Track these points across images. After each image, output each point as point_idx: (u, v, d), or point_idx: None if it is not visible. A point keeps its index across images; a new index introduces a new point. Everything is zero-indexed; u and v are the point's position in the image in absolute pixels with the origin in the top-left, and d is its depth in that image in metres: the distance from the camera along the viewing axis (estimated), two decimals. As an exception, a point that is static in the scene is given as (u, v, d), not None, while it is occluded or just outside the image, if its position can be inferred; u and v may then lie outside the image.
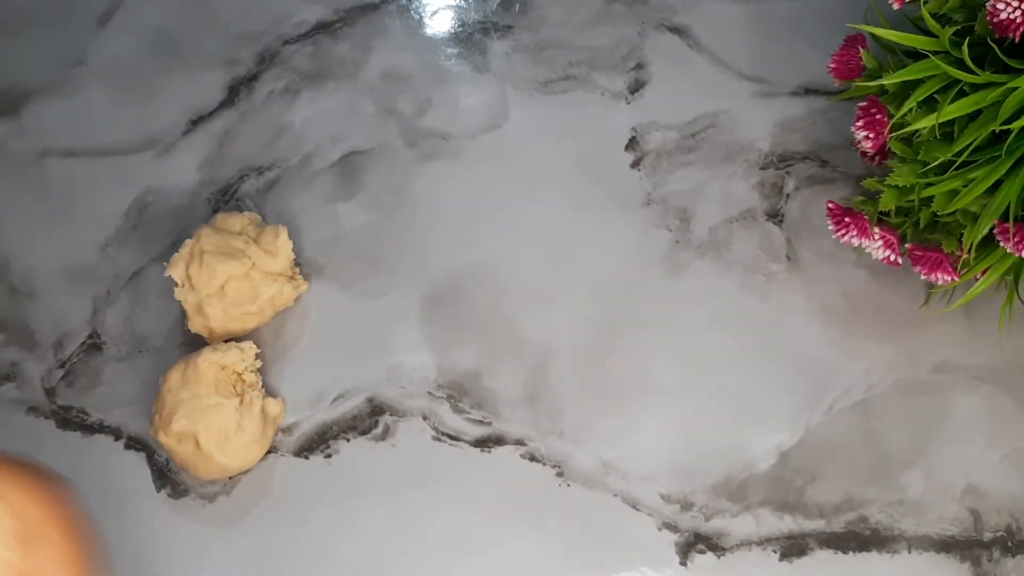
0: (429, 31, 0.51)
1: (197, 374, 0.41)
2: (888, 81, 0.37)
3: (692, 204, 0.47)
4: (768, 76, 0.49)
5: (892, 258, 0.41)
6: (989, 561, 0.41)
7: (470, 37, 0.51)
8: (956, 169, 0.36)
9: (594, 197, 0.47)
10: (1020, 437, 0.43)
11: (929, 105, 0.37)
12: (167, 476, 0.43)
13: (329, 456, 0.43)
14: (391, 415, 0.44)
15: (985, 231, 0.36)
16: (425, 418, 0.44)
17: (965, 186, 0.36)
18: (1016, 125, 0.34)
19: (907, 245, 0.41)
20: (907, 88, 0.38)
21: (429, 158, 0.48)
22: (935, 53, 0.36)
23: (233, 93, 0.49)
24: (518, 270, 0.46)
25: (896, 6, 0.38)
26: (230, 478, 0.42)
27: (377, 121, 0.49)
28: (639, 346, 0.45)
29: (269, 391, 0.44)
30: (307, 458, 0.43)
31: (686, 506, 0.42)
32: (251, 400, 0.42)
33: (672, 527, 0.42)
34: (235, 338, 0.44)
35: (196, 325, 0.43)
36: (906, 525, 0.42)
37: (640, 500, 0.42)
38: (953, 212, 0.38)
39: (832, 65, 0.42)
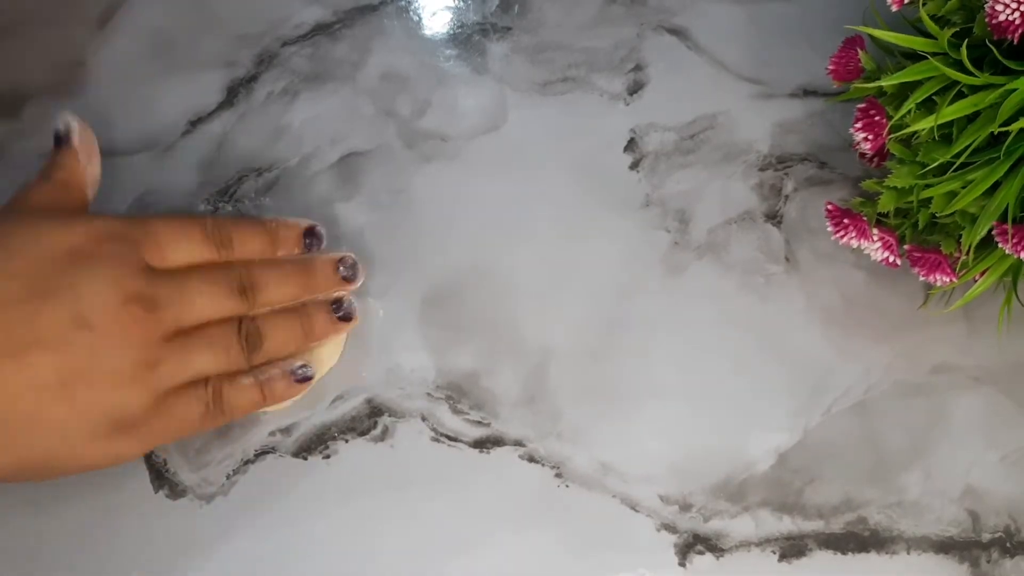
0: (428, 32, 0.51)
1: None
2: (887, 83, 0.37)
3: (691, 205, 0.47)
4: (767, 78, 0.50)
5: (891, 259, 0.41)
6: (988, 562, 0.41)
7: (469, 38, 0.51)
8: (955, 171, 0.37)
9: (593, 198, 0.47)
10: (1019, 438, 0.43)
11: (928, 107, 0.37)
12: (165, 477, 0.43)
13: (328, 457, 0.43)
14: (390, 416, 0.44)
15: (984, 232, 0.36)
16: (424, 419, 0.44)
17: (964, 187, 0.36)
18: (1015, 127, 0.34)
19: (906, 246, 0.41)
20: (906, 90, 0.38)
21: (428, 159, 0.48)
22: (934, 55, 0.36)
23: (232, 94, 0.49)
24: (517, 271, 0.46)
25: (895, 8, 0.38)
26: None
27: (376, 122, 0.49)
28: (638, 347, 0.45)
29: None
30: (305, 459, 0.43)
31: (685, 507, 0.42)
32: None
33: (671, 528, 0.42)
34: None
35: None
36: (905, 526, 0.42)
37: (639, 501, 0.42)
38: (952, 213, 0.38)
39: (831, 67, 0.42)
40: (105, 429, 0.36)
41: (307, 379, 0.42)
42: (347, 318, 0.43)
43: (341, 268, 0.43)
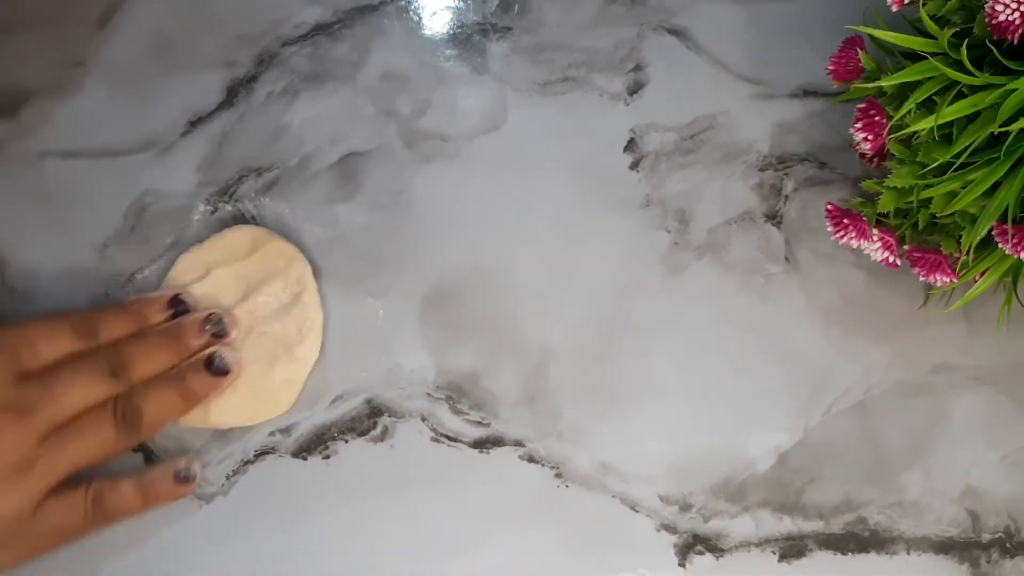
0: (428, 32, 0.51)
1: None
2: (887, 83, 0.37)
3: (691, 205, 0.47)
4: (767, 78, 0.49)
5: (891, 259, 0.41)
6: (988, 562, 0.41)
7: (469, 38, 0.51)
8: (955, 171, 0.37)
9: (593, 198, 0.47)
10: (1019, 438, 0.43)
11: (928, 107, 0.37)
12: (165, 477, 0.43)
13: (328, 457, 0.43)
14: (390, 416, 0.44)
15: (984, 232, 0.36)
16: (424, 419, 0.44)
17: (964, 187, 0.36)
18: (1015, 127, 0.34)
19: (906, 246, 0.41)
20: (906, 90, 0.38)
21: (428, 159, 0.48)
22: (934, 55, 0.36)
23: (232, 94, 0.49)
24: (517, 271, 0.46)
25: (895, 8, 0.38)
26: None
27: (376, 122, 0.49)
28: (638, 347, 0.45)
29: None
30: (305, 459, 0.43)
31: (685, 507, 0.42)
32: None
33: (671, 528, 0.42)
34: None
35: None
36: (905, 526, 0.42)
37: (639, 501, 0.42)
38: (952, 213, 0.38)
39: (831, 67, 0.42)
40: None
41: (189, 480, 0.42)
42: (221, 372, 0.42)
43: (208, 326, 0.43)
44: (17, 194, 0.47)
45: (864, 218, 0.41)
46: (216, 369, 0.42)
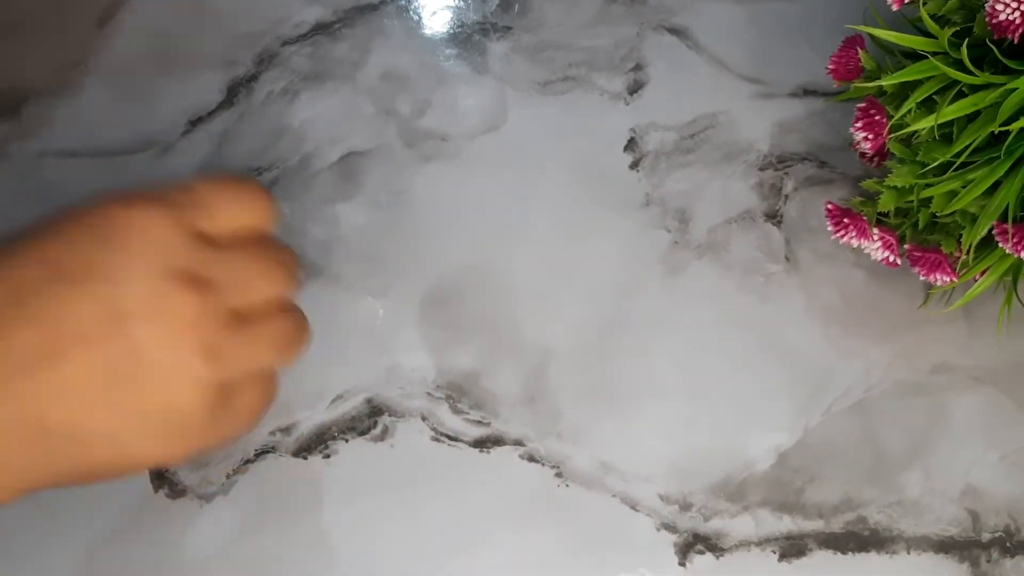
0: (428, 32, 0.51)
1: None
2: (887, 82, 0.37)
3: (691, 205, 0.47)
4: (767, 77, 0.49)
5: (891, 259, 0.41)
6: (988, 562, 0.41)
7: (469, 38, 0.51)
8: (955, 170, 0.37)
9: (593, 198, 0.47)
10: (1019, 438, 0.43)
11: (928, 106, 0.37)
12: (165, 476, 0.43)
13: (328, 457, 0.43)
14: (390, 416, 0.44)
15: (984, 232, 0.36)
16: (424, 419, 0.44)
17: (964, 187, 0.36)
18: (1015, 126, 0.34)
19: (906, 246, 0.41)
20: (906, 89, 0.38)
21: (428, 159, 0.48)
22: (934, 54, 0.36)
23: (232, 94, 0.49)
24: (517, 271, 0.46)
25: (895, 7, 0.38)
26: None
27: (376, 122, 0.49)
28: (638, 347, 0.45)
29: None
30: (305, 459, 0.43)
31: (685, 507, 0.42)
32: None
33: (671, 528, 0.42)
34: None
35: None
36: (905, 526, 0.42)
37: (639, 501, 0.42)
38: (952, 213, 0.38)
39: (831, 66, 0.42)
40: (158, 431, 0.30)
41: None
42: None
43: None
44: (18, 194, 0.47)
45: (864, 217, 0.41)
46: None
